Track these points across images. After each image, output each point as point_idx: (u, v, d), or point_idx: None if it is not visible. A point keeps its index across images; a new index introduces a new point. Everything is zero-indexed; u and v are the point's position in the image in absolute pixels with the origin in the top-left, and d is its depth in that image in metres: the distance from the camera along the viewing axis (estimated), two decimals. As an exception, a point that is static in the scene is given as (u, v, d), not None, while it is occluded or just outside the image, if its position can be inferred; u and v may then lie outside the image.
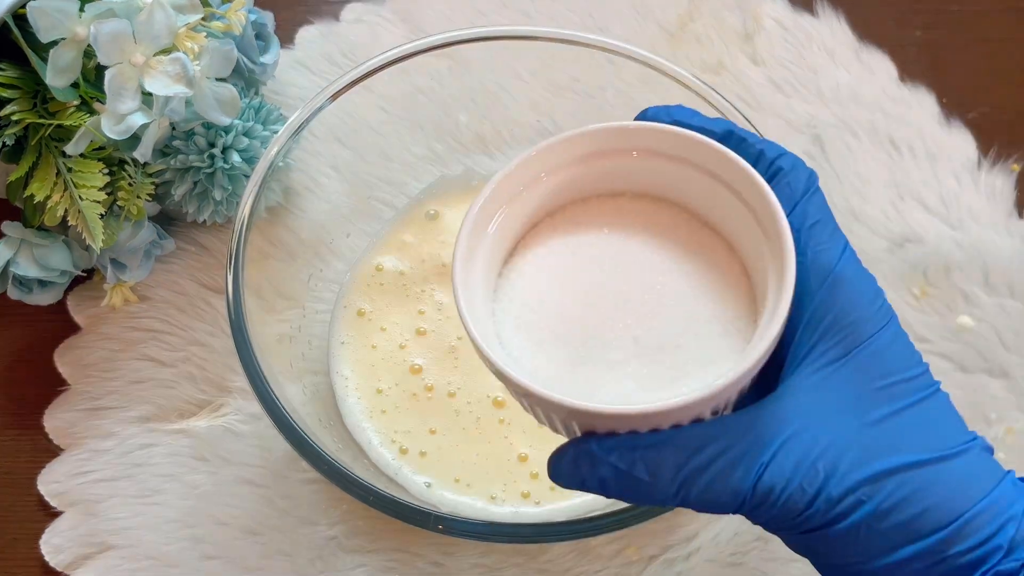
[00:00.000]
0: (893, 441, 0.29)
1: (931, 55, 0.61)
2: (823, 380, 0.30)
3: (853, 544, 0.29)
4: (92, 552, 0.49)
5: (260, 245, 0.48)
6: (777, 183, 0.32)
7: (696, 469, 0.29)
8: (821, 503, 0.28)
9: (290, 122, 0.48)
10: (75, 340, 0.54)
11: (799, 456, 0.28)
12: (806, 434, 0.29)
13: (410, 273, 0.53)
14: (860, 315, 0.30)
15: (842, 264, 0.31)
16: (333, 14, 0.62)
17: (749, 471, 0.28)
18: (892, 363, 0.30)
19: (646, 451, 0.29)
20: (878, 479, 0.28)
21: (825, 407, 0.29)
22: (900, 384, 0.30)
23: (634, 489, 0.29)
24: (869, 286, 0.31)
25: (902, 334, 0.31)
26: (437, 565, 0.49)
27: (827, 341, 0.30)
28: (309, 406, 0.47)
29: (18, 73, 0.47)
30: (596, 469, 0.30)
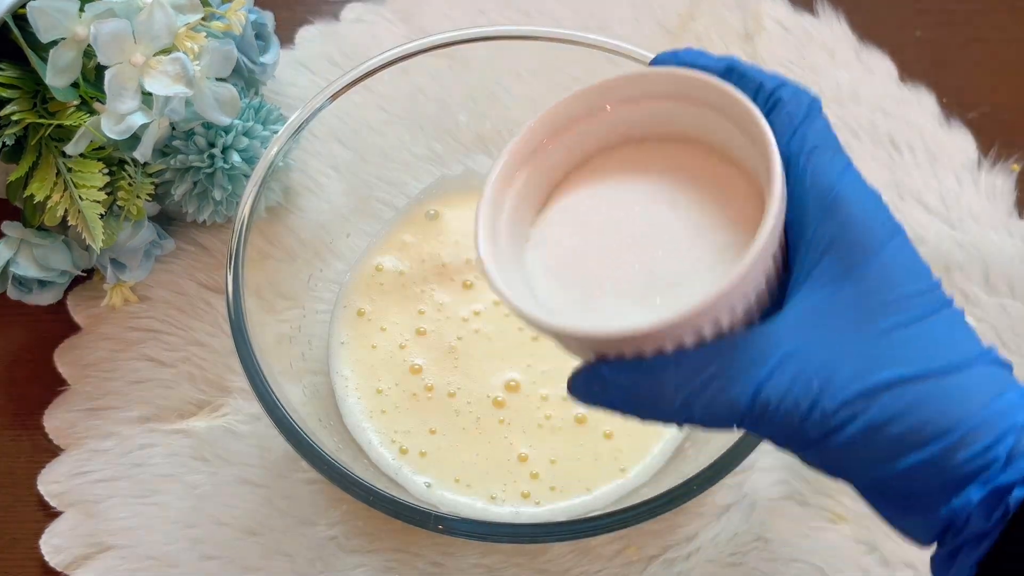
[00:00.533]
0: (893, 354, 0.29)
1: (931, 55, 0.61)
2: (825, 297, 0.30)
3: (853, 456, 0.29)
4: (92, 552, 0.49)
5: (260, 245, 0.48)
6: (777, 113, 0.32)
7: (697, 387, 0.30)
8: (817, 416, 0.29)
9: (290, 122, 0.48)
10: (75, 340, 0.54)
11: (795, 371, 0.29)
12: (804, 350, 0.29)
13: (410, 273, 0.53)
14: (861, 231, 0.30)
15: (842, 183, 0.31)
16: (333, 14, 0.62)
17: (747, 387, 0.29)
18: (897, 277, 0.30)
19: (650, 371, 0.30)
20: (874, 392, 0.28)
21: (826, 324, 0.29)
22: (905, 298, 0.29)
23: (640, 407, 0.31)
24: (871, 202, 0.31)
25: (909, 248, 0.31)
26: (437, 565, 0.49)
27: (828, 259, 0.30)
28: (309, 406, 0.47)
29: (18, 73, 0.47)
30: (606, 389, 0.31)
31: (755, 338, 0.30)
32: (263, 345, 0.45)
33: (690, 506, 0.49)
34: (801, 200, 0.31)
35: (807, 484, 0.50)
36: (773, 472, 0.50)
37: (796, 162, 0.31)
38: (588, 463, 0.49)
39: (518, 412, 0.50)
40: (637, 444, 0.49)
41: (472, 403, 0.50)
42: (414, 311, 0.52)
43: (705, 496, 0.47)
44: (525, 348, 0.51)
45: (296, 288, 0.51)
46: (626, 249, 0.33)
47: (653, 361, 0.30)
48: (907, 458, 0.28)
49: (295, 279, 0.51)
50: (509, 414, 0.50)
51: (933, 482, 0.29)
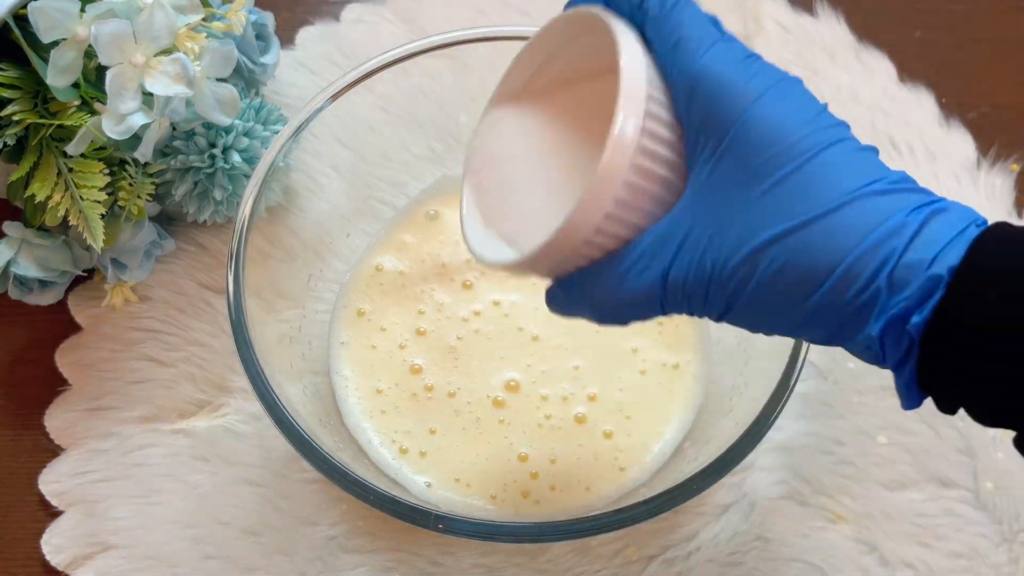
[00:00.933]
0: (772, 213, 0.29)
1: (931, 55, 0.61)
2: (708, 176, 0.31)
3: (761, 312, 0.31)
4: (92, 552, 0.49)
5: (260, 245, 0.48)
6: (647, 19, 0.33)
7: (617, 283, 0.32)
8: (715, 287, 0.30)
9: (290, 122, 0.48)
10: (76, 340, 0.54)
11: (690, 250, 0.31)
12: (696, 231, 0.31)
13: (410, 273, 0.53)
14: (724, 101, 0.30)
15: (703, 60, 0.31)
16: (333, 14, 0.62)
17: (655, 274, 0.32)
18: (769, 133, 0.30)
19: (581, 279, 0.34)
20: (758, 252, 0.29)
21: (712, 200, 0.31)
22: (779, 154, 0.30)
23: (590, 311, 0.34)
24: (737, 66, 0.31)
25: (790, 93, 0.31)
26: (437, 565, 0.49)
27: (703, 138, 0.31)
28: (309, 406, 0.47)
29: (19, 73, 0.47)
30: (561, 302, 0.35)
31: (655, 229, 0.32)
32: (263, 345, 0.45)
33: (690, 506, 0.49)
34: (675, 92, 0.32)
35: (807, 484, 0.50)
36: (773, 472, 0.50)
37: (665, 61, 0.32)
38: (588, 463, 0.49)
39: (518, 412, 0.50)
40: (637, 444, 0.49)
41: (472, 403, 0.50)
42: (414, 311, 0.52)
43: (705, 496, 0.47)
44: (525, 348, 0.51)
45: (296, 288, 0.51)
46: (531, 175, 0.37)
47: (582, 271, 0.33)
48: (804, 304, 0.29)
49: (295, 279, 0.51)
50: (509, 414, 0.50)
51: (839, 320, 0.29)
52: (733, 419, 0.45)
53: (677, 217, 0.31)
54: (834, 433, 0.51)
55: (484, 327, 0.52)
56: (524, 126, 0.38)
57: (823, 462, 0.51)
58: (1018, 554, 0.49)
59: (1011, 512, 0.50)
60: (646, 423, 0.49)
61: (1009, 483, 0.50)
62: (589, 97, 0.37)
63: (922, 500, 0.50)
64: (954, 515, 0.50)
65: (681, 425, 0.50)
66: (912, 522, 0.50)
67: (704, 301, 0.31)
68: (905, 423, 0.51)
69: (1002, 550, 0.49)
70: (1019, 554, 0.49)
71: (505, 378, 0.50)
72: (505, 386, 0.50)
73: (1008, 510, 0.50)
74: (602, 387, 0.50)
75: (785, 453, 0.51)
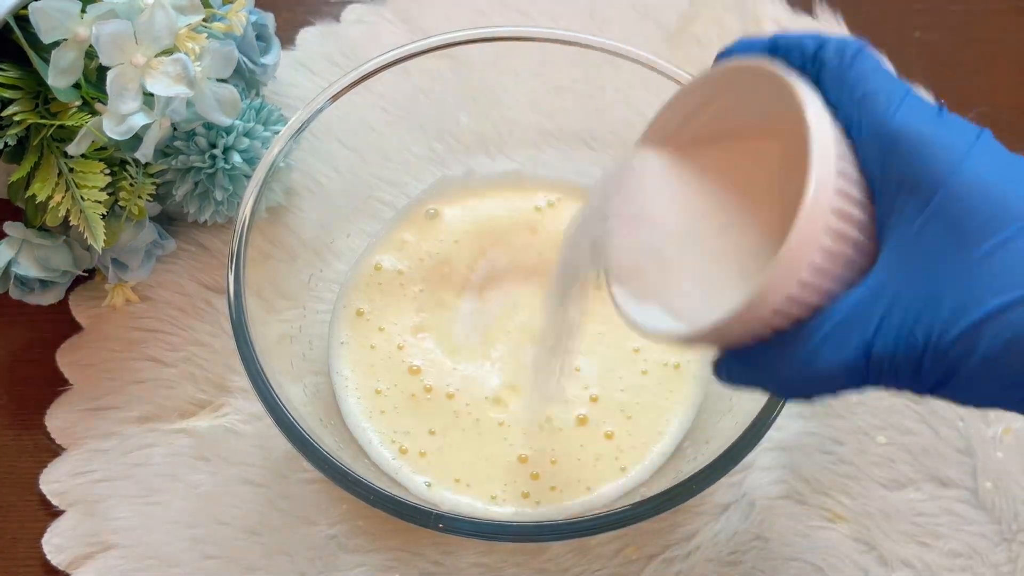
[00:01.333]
0: (993, 281, 0.27)
1: (930, 55, 0.61)
2: (910, 239, 0.29)
3: (981, 391, 0.28)
4: (93, 551, 0.50)
5: (261, 245, 0.48)
6: (824, 72, 0.31)
7: (809, 360, 0.30)
8: (928, 365, 0.28)
9: (291, 123, 0.48)
10: (76, 340, 0.54)
11: (899, 320, 0.28)
12: (903, 300, 0.28)
13: (409, 272, 0.53)
14: (928, 158, 0.28)
15: (898, 116, 0.29)
16: (334, 15, 0.62)
17: (858, 350, 0.29)
18: (980, 196, 0.28)
19: (761, 355, 0.31)
20: (979, 326, 0.27)
21: (918, 266, 0.28)
22: (994, 218, 0.28)
23: (770, 386, 0.32)
24: (934, 122, 0.29)
25: (991, 155, 0.29)
26: (437, 564, 0.49)
27: (902, 197, 0.29)
28: (310, 406, 0.48)
29: (20, 74, 0.47)
30: (735, 376, 0.33)
31: (852, 297, 0.29)
32: (264, 345, 0.45)
33: (689, 505, 0.49)
34: (864, 149, 0.30)
35: (806, 483, 0.50)
36: (772, 471, 0.50)
37: (851, 114, 0.30)
38: (589, 463, 0.49)
39: (518, 413, 0.50)
40: (637, 444, 0.49)
41: (471, 404, 0.50)
42: (413, 311, 0.52)
43: (704, 495, 0.47)
44: (525, 349, 0.51)
45: (297, 288, 0.51)
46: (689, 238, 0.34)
47: (765, 344, 0.31)
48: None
49: (296, 279, 0.51)
50: (508, 415, 0.50)
51: None
52: (733, 419, 0.45)
53: (877, 283, 0.29)
54: (833, 433, 0.51)
55: (483, 327, 0.52)
56: (673, 180, 0.36)
57: (822, 462, 0.51)
58: (1017, 553, 0.49)
59: (1010, 512, 0.50)
60: (647, 423, 0.49)
61: (1008, 483, 0.50)
62: (752, 155, 0.35)
63: (921, 500, 0.50)
64: (953, 515, 0.50)
65: (681, 425, 0.50)
66: (911, 521, 0.50)
67: (915, 376, 0.29)
68: (904, 423, 0.52)
69: (1001, 549, 0.49)
70: (1018, 553, 0.49)
71: (505, 379, 0.50)
72: (505, 387, 0.50)
73: (1007, 509, 0.50)
74: (603, 388, 0.50)
75: (784, 453, 0.51)
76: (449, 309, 0.52)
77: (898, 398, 0.52)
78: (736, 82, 0.33)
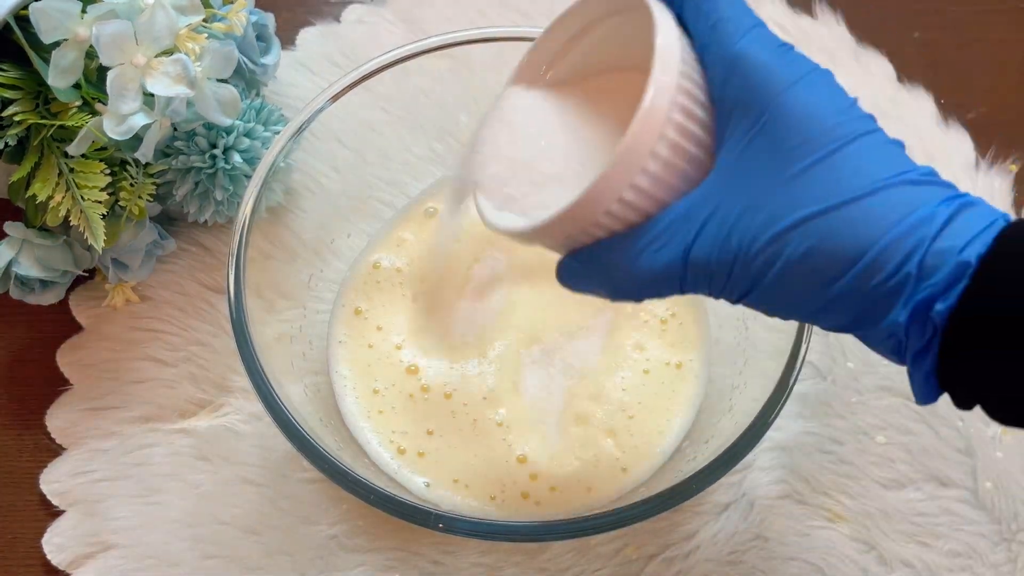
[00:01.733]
0: (801, 195, 0.29)
1: (929, 56, 0.61)
2: (737, 155, 0.31)
3: (783, 295, 0.30)
4: (93, 551, 0.50)
5: (261, 245, 0.48)
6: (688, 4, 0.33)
7: (636, 257, 0.32)
8: (739, 267, 0.30)
9: (291, 123, 0.48)
10: (77, 340, 0.54)
11: (716, 229, 0.31)
12: (724, 208, 0.31)
13: (407, 271, 0.53)
14: (762, 81, 0.31)
15: (742, 43, 0.31)
16: (334, 15, 0.62)
17: (677, 250, 0.31)
18: (803, 119, 0.30)
19: (599, 251, 0.33)
20: (785, 233, 0.29)
21: (741, 180, 0.31)
22: (812, 139, 0.30)
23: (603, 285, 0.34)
24: (771, 52, 0.31)
25: (821, 85, 0.31)
26: (437, 564, 0.49)
27: (736, 116, 0.31)
28: (310, 406, 0.48)
29: (20, 74, 0.47)
30: (574, 275, 0.35)
31: (679, 206, 0.32)
32: (264, 345, 0.45)
33: (689, 505, 0.49)
34: (712, 72, 0.32)
35: (805, 483, 0.50)
36: (772, 471, 0.50)
37: (703, 43, 0.32)
38: (589, 464, 0.49)
39: (516, 413, 0.50)
40: (640, 444, 0.49)
41: (469, 404, 0.50)
42: (411, 310, 0.52)
43: (704, 495, 0.47)
44: (525, 348, 0.51)
45: (297, 288, 0.51)
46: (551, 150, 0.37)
47: (599, 243, 0.33)
48: (830, 289, 0.29)
49: (296, 279, 0.51)
50: (507, 416, 0.50)
51: (863, 306, 0.29)
52: (732, 419, 0.45)
53: (703, 194, 0.31)
54: (833, 433, 0.51)
55: (482, 327, 0.52)
56: (547, 102, 0.38)
57: (822, 461, 0.51)
58: (1016, 553, 0.49)
59: (1010, 511, 0.50)
60: (649, 423, 0.49)
61: (1008, 482, 0.50)
62: (619, 81, 0.37)
63: (921, 499, 0.50)
64: (952, 514, 0.50)
65: (683, 425, 0.50)
66: (911, 521, 0.50)
67: (726, 281, 0.31)
68: (904, 423, 0.52)
69: (1000, 549, 0.49)
70: (1017, 553, 0.49)
71: (503, 380, 0.50)
72: (503, 387, 0.50)
73: (1007, 509, 0.50)
74: (605, 387, 0.50)
75: (784, 452, 0.51)
76: (447, 308, 0.52)
77: (898, 398, 0.52)
78: (607, 8, 0.35)
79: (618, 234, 0.33)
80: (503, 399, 0.50)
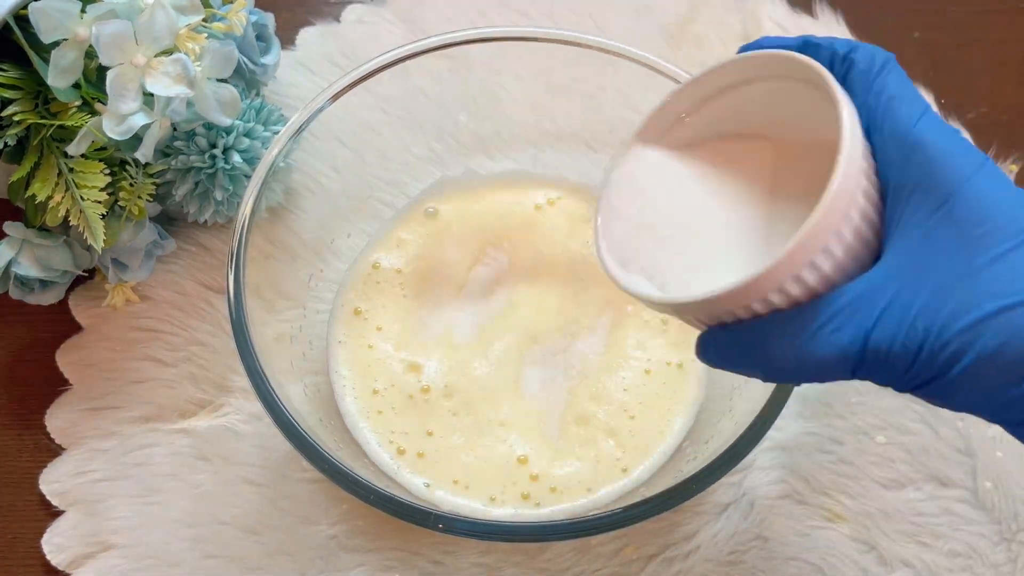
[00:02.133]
0: (993, 286, 0.28)
1: (930, 56, 0.61)
2: (919, 239, 0.30)
3: (970, 389, 0.29)
4: (93, 551, 0.50)
5: (261, 245, 0.48)
6: (852, 73, 0.33)
7: (805, 341, 0.31)
8: (925, 356, 0.29)
9: (291, 123, 0.48)
10: (77, 340, 0.54)
11: (899, 315, 0.29)
12: (906, 293, 0.29)
13: (407, 271, 0.53)
14: (944, 167, 0.30)
15: (920, 125, 0.31)
16: (334, 15, 0.62)
17: (855, 336, 0.30)
18: (987, 208, 0.29)
19: (758, 330, 0.32)
20: (978, 325, 0.28)
21: (924, 264, 0.30)
22: (998, 228, 0.29)
23: (758, 365, 0.32)
24: (951, 138, 0.31)
25: (997, 177, 0.30)
26: (437, 564, 0.49)
27: (916, 200, 0.30)
28: (310, 406, 0.48)
29: (20, 74, 0.47)
30: (724, 352, 0.33)
31: (856, 287, 0.30)
32: (264, 345, 0.45)
33: (689, 505, 0.49)
34: (883, 150, 0.31)
35: (805, 483, 0.50)
36: (772, 471, 0.50)
37: (874, 116, 0.32)
38: (589, 464, 0.49)
39: (516, 414, 0.50)
40: (640, 444, 0.49)
41: (469, 405, 0.50)
42: (410, 309, 0.52)
43: (704, 495, 0.47)
44: (525, 349, 0.51)
45: (297, 288, 0.51)
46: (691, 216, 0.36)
47: (760, 321, 0.32)
48: (1021, 386, 0.28)
49: (296, 279, 0.51)
50: (507, 416, 0.50)
51: None
52: (733, 419, 0.45)
53: (882, 277, 0.30)
54: (833, 432, 0.51)
55: (482, 327, 0.52)
56: (674, 163, 0.37)
57: (822, 461, 0.51)
58: (1016, 553, 0.49)
59: (1009, 511, 0.50)
60: (650, 423, 0.49)
61: (1008, 482, 0.50)
62: (751, 149, 0.36)
63: (921, 499, 0.50)
64: (952, 514, 0.50)
65: (684, 425, 0.50)
66: (911, 521, 0.50)
67: (907, 370, 0.30)
68: (904, 423, 0.52)
69: (1001, 549, 0.49)
70: (1018, 553, 0.49)
71: (503, 381, 0.50)
72: (504, 388, 0.50)
73: (1007, 509, 0.50)
74: (605, 387, 0.50)
75: (784, 452, 0.51)
76: (447, 308, 0.52)
77: (898, 398, 0.52)
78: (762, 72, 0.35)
79: (779, 311, 0.31)
80: (503, 399, 0.50)
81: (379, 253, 0.54)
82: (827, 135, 0.32)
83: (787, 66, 0.34)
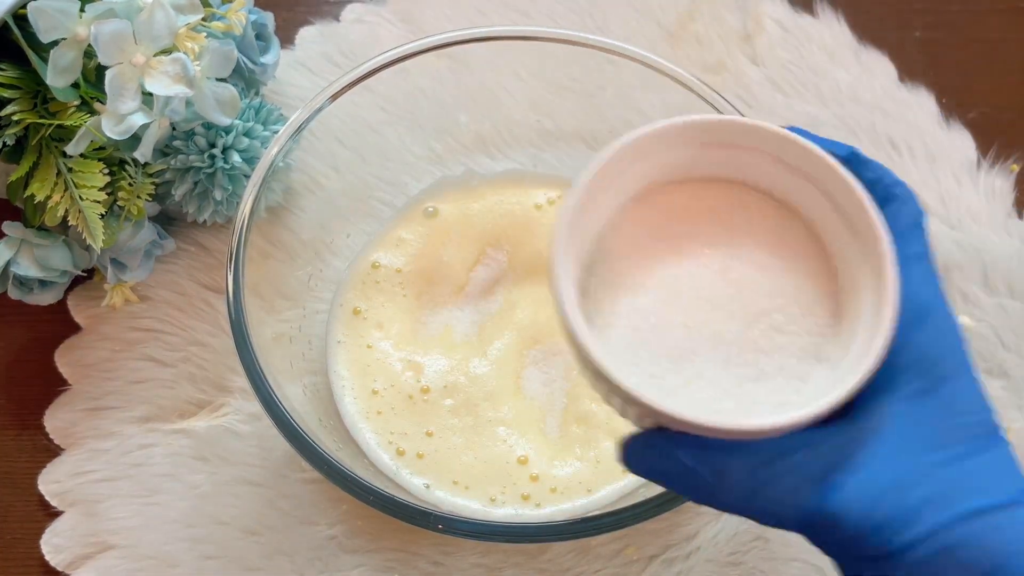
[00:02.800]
0: (964, 483, 0.29)
1: (930, 55, 0.61)
2: (904, 412, 0.30)
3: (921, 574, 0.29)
4: (92, 552, 0.50)
5: (260, 245, 0.48)
6: (889, 207, 0.32)
7: (763, 482, 0.29)
8: (886, 535, 0.28)
9: (290, 122, 0.48)
10: (76, 340, 0.54)
11: (867, 487, 0.29)
12: (877, 464, 0.29)
13: (406, 270, 0.53)
14: (945, 354, 0.31)
15: (936, 301, 0.31)
16: (333, 14, 0.62)
17: (817, 493, 0.29)
18: (968, 404, 0.30)
19: (716, 453, 0.30)
20: (950, 523, 0.28)
21: (901, 439, 0.29)
22: (973, 425, 0.30)
23: (697, 488, 0.30)
24: (955, 328, 0.31)
25: (978, 378, 0.31)
26: (437, 565, 0.49)
27: (911, 373, 0.30)
28: (309, 406, 0.47)
29: (19, 73, 0.47)
30: (663, 461, 0.30)
31: (836, 440, 0.29)
32: (263, 345, 0.45)
33: (689, 505, 0.49)
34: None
35: (806, 484, 0.50)
36: (772, 472, 0.50)
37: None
38: (589, 465, 0.49)
39: (516, 415, 0.50)
40: (637, 444, 0.49)
41: (468, 405, 0.50)
42: (410, 309, 0.52)
43: (704, 496, 0.47)
44: (525, 349, 0.51)
45: (296, 288, 0.51)
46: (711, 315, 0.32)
47: (721, 443, 0.30)
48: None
49: (295, 279, 0.51)
50: (508, 416, 0.50)
51: None
52: (733, 419, 0.45)
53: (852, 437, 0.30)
54: (834, 433, 0.51)
55: (481, 327, 0.51)
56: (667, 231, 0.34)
57: (823, 462, 0.51)
58: (1018, 554, 0.49)
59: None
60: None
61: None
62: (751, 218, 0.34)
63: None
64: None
65: (681, 425, 0.49)
66: (912, 522, 0.50)
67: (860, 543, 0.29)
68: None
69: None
70: (1019, 554, 0.49)
71: (503, 381, 0.50)
72: (504, 388, 0.50)
73: (1008, 510, 0.50)
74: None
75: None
76: (447, 308, 0.52)
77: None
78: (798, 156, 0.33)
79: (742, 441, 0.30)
80: (503, 400, 0.50)
81: (379, 253, 0.54)
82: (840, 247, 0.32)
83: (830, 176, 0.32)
